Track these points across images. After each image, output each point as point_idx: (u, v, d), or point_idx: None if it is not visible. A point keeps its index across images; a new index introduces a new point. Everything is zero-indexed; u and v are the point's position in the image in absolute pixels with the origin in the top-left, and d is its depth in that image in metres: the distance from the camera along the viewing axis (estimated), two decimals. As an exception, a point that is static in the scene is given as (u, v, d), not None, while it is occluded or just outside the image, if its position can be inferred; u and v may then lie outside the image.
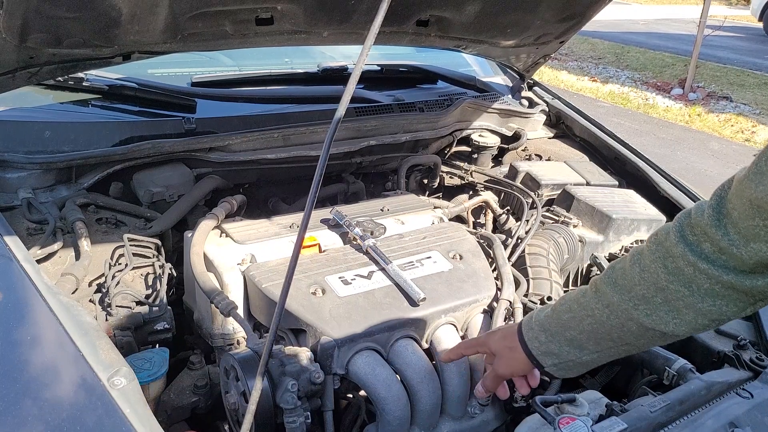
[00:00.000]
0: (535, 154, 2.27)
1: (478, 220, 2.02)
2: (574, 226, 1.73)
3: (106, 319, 1.25)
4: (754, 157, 0.80)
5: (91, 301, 1.29)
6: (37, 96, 1.75)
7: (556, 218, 1.76)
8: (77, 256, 1.37)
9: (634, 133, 6.43)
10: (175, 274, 1.44)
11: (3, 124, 1.56)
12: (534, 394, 1.12)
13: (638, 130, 6.71)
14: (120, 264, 1.37)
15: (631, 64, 10.06)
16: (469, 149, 2.21)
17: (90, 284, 1.35)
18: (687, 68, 8.35)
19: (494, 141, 2.18)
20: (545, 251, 1.59)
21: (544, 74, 8.91)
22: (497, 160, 2.28)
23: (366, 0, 1.55)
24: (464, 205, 1.88)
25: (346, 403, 1.30)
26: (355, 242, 1.45)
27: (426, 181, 2.11)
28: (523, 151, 2.29)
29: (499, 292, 1.37)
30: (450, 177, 2.12)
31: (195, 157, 1.69)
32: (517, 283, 1.48)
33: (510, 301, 1.36)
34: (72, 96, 1.77)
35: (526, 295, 1.46)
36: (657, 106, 7.74)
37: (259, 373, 0.89)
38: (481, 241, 1.57)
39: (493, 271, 1.46)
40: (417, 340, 1.25)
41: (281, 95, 2.09)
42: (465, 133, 2.20)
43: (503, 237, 1.72)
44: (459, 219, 1.89)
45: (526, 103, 2.40)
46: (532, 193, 1.86)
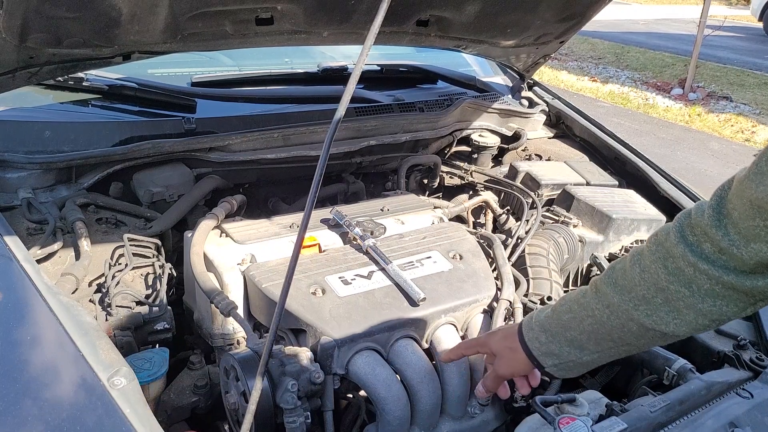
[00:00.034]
0: (535, 154, 2.27)
1: (478, 220, 2.01)
2: (574, 226, 1.73)
3: (106, 319, 1.25)
4: (754, 157, 0.80)
5: (91, 301, 1.29)
6: (37, 96, 1.75)
7: (556, 218, 1.76)
8: (77, 256, 1.37)
9: (634, 133, 6.43)
10: (175, 274, 1.44)
11: (3, 124, 1.56)
12: (534, 394, 1.12)
13: (638, 130, 6.71)
14: (120, 264, 1.37)
15: (631, 64, 10.06)
16: (469, 149, 2.20)
17: (90, 284, 1.35)
18: (687, 68, 8.35)
19: (494, 141, 2.18)
20: (545, 251, 1.59)
21: (544, 74, 8.91)
22: (497, 160, 2.28)
23: (366, 0, 1.55)
24: (464, 205, 1.88)
25: (346, 403, 1.30)
26: (355, 242, 1.45)
27: (426, 181, 2.11)
28: (523, 151, 2.29)
29: (499, 292, 1.37)
30: (450, 177, 2.12)
31: (195, 157, 1.69)
32: (517, 283, 1.48)
33: (510, 301, 1.36)
34: (72, 96, 1.77)
35: (526, 295, 1.46)
36: (657, 106, 7.74)
37: (259, 373, 0.89)
38: (481, 241, 1.57)
39: (493, 271, 1.45)
40: (417, 340, 1.25)
41: (281, 95, 2.09)
42: (465, 133, 2.20)
43: (503, 237, 1.72)
44: (459, 219, 1.89)
45: (526, 103, 2.39)
46: (532, 193, 1.86)
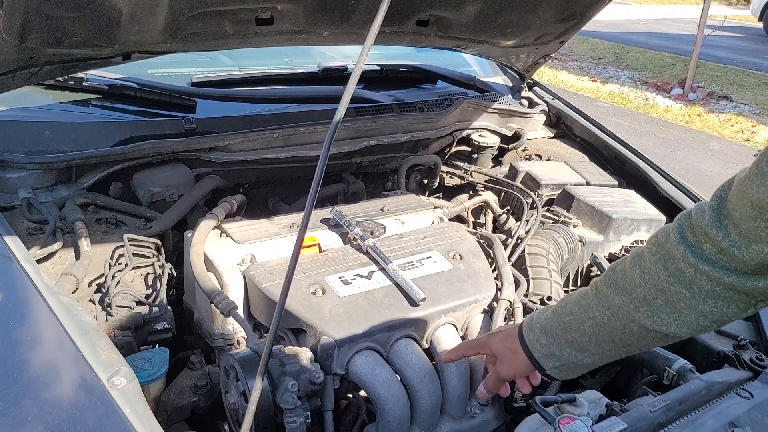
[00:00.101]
0: (535, 154, 2.27)
1: (478, 220, 2.01)
2: (574, 226, 1.73)
3: (106, 319, 1.25)
4: (754, 158, 0.79)
5: (91, 301, 1.29)
6: (37, 96, 1.75)
7: (556, 218, 1.76)
8: (77, 256, 1.37)
9: (634, 133, 6.43)
10: (175, 274, 1.44)
11: (3, 124, 1.56)
12: (534, 394, 1.12)
13: (638, 130, 6.71)
14: (120, 264, 1.37)
15: (631, 64, 10.06)
16: (469, 149, 2.20)
17: (90, 284, 1.35)
18: (687, 68, 8.35)
19: (494, 141, 2.18)
20: (545, 251, 1.59)
21: (544, 74, 8.91)
22: (497, 160, 2.28)
23: (366, 0, 1.55)
24: (464, 205, 1.88)
25: (346, 403, 1.30)
26: (355, 242, 1.45)
27: (426, 181, 2.11)
28: (523, 151, 2.29)
29: (499, 292, 1.37)
30: (450, 177, 2.12)
31: (195, 157, 1.69)
32: (517, 283, 1.48)
33: (510, 301, 1.36)
34: (72, 96, 1.77)
35: (526, 295, 1.46)
36: (657, 106, 7.74)
37: (259, 373, 0.89)
38: (481, 241, 1.57)
39: (493, 271, 1.45)
40: (417, 340, 1.25)
41: (281, 95, 2.09)
42: (465, 133, 2.20)
43: (503, 237, 1.72)
44: (459, 219, 1.89)
45: (526, 103, 2.39)
46: (532, 193, 1.86)
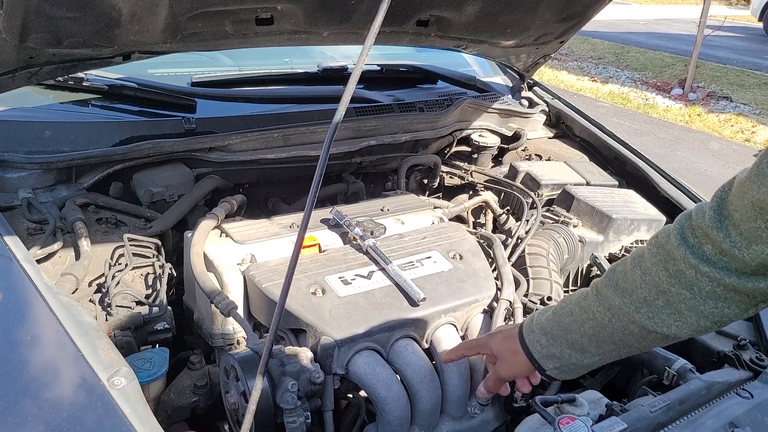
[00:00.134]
0: (535, 154, 2.27)
1: (478, 220, 2.02)
2: (574, 226, 1.73)
3: (106, 319, 1.25)
4: (754, 158, 0.79)
5: (91, 301, 1.29)
6: (37, 96, 1.75)
7: (556, 218, 1.76)
8: (77, 256, 1.37)
9: (634, 133, 6.43)
10: (175, 274, 1.44)
11: (3, 124, 1.56)
12: (534, 394, 1.12)
13: (638, 130, 6.71)
14: (120, 264, 1.37)
15: (631, 64, 10.06)
16: (469, 149, 2.20)
17: (90, 284, 1.35)
18: (687, 68, 8.36)
19: (494, 141, 2.18)
20: (545, 251, 1.59)
21: (544, 74, 8.91)
22: (497, 160, 2.28)
23: (366, 0, 1.55)
24: (464, 205, 1.88)
25: (346, 403, 1.30)
26: (355, 242, 1.45)
27: (426, 181, 2.11)
28: (523, 151, 2.29)
29: (499, 292, 1.37)
30: (450, 177, 2.12)
31: (195, 157, 1.69)
32: (517, 283, 1.48)
33: (510, 301, 1.36)
34: (72, 96, 1.77)
35: (526, 295, 1.46)
36: (657, 106, 7.74)
37: (259, 373, 0.89)
38: (481, 241, 1.57)
39: (493, 271, 1.45)
40: (417, 340, 1.25)
41: (281, 95, 2.09)
42: (465, 133, 2.20)
43: (503, 237, 1.72)
44: (459, 219, 1.89)
45: (526, 103, 2.39)
46: (532, 193, 1.86)
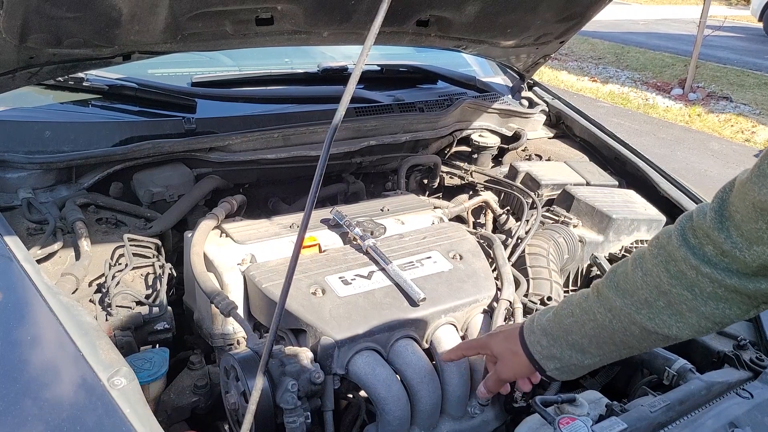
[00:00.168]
0: (535, 154, 2.27)
1: (478, 220, 2.01)
2: (574, 226, 1.73)
3: (106, 319, 1.25)
4: (754, 158, 0.79)
5: (91, 301, 1.29)
6: (37, 96, 1.75)
7: (556, 218, 1.76)
8: (77, 256, 1.37)
9: (634, 133, 6.44)
10: (175, 274, 1.44)
11: (3, 124, 1.56)
12: (534, 393, 1.12)
13: (638, 130, 6.71)
14: (120, 264, 1.37)
15: (631, 64, 10.06)
16: (469, 149, 2.20)
17: (90, 284, 1.35)
18: (687, 68, 8.36)
19: (494, 141, 2.18)
20: (545, 251, 1.59)
21: (544, 74, 8.91)
22: (497, 160, 2.28)
23: (366, 0, 1.55)
24: (464, 205, 1.88)
25: (346, 403, 1.30)
26: (355, 242, 1.44)
27: (426, 181, 2.11)
28: (523, 151, 2.29)
29: (499, 292, 1.37)
30: (450, 177, 2.12)
31: (195, 157, 1.69)
32: (517, 283, 1.48)
33: (510, 301, 1.36)
34: (72, 96, 1.77)
35: (526, 295, 1.46)
36: (657, 107, 7.74)
37: (259, 373, 0.89)
38: (481, 241, 1.57)
39: (493, 271, 1.45)
40: (417, 340, 1.25)
41: (281, 95, 2.09)
42: (465, 133, 2.20)
43: (503, 237, 1.72)
44: (459, 219, 1.89)
45: (526, 103, 2.40)
46: (532, 193, 1.86)
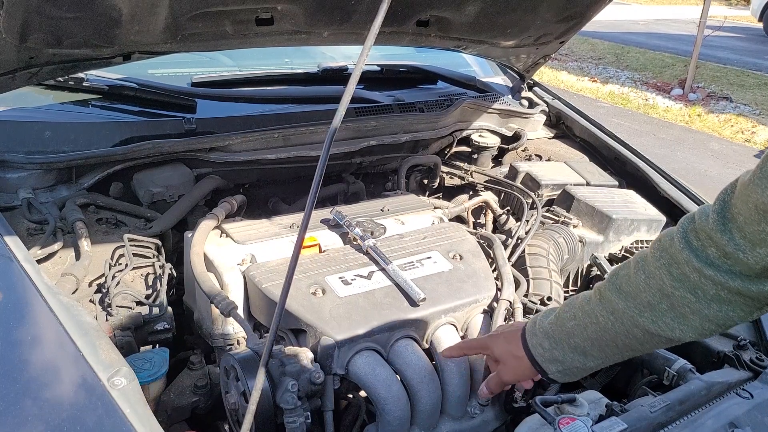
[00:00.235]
0: (535, 155, 2.27)
1: (478, 220, 2.02)
2: (574, 227, 1.73)
3: (106, 319, 1.25)
4: (754, 158, 0.79)
5: (91, 301, 1.29)
6: (37, 96, 1.75)
7: (556, 218, 1.76)
8: (77, 256, 1.37)
9: (634, 134, 6.44)
10: (175, 274, 1.44)
11: (3, 124, 1.56)
12: (534, 393, 1.12)
13: (638, 130, 6.71)
14: (120, 264, 1.37)
15: (631, 64, 10.06)
16: (469, 149, 2.20)
17: (90, 284, 1.35)
18: (687, 68, 8.36)
19: (494, 141, 2.18)
20: (545, 251, 1.59)
21: (544, 74, 8.91)
22: (497, 161, 2.28)
23: (366, 0, 1.55)
24: (464, 205, 1.88)
25: (346, 403, 1.30)
26: (355, 242, 1.45)
27: (426, 182, 2.11)
28: (523, 151, 2.29)
29: (499, 292, 1.37)
30: (450, 177, 2.12)
31: (195, 157, 1.69)
32: (517, 283, 1.48)
33: (510, 301, 1.36)
34: (72, 96, 1.77)
35: (526, 295, 1.46)
36: (657, 107, 7.74)
37: (260, 373, 0.89)
38: (481, 241, 1.57)
39: (493, 271, 1.45)
40: (417, 341, 1.25)
41: (281, 95, 2.09)
42: (465, 134, 2.20)
43: (503, 237, 1.72)
44: (459, 219, 1.89)
45: (526, 103, 2.40)
46: (532, 194, 1.86)
